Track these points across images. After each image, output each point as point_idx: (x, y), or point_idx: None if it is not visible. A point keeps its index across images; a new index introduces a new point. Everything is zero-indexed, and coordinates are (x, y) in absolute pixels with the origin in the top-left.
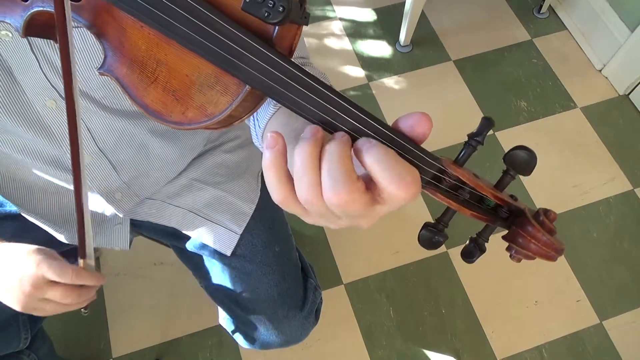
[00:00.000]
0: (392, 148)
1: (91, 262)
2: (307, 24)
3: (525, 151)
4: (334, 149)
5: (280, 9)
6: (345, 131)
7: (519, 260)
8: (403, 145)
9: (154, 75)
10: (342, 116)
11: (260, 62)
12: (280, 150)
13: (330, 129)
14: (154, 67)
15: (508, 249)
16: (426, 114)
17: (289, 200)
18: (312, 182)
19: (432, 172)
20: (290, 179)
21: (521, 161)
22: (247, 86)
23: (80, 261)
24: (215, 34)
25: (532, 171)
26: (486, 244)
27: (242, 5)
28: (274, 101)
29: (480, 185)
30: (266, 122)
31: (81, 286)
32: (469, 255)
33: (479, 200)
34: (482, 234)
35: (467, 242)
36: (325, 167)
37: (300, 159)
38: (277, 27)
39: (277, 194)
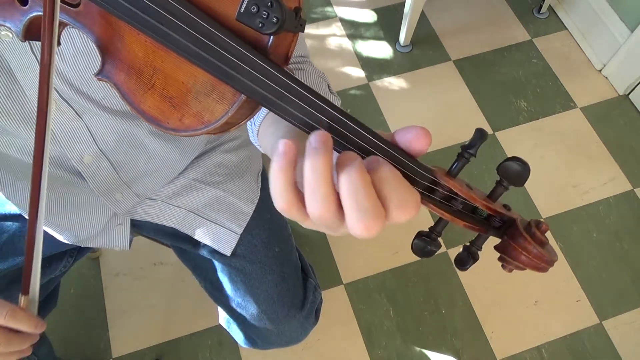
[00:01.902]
0: (390, 163)
1: (34, 301)
2: (303, 31)
3: (518, 163)
4: (357, 178)
5: (274, 20)
6: (341, 143)
7: (510, 271)
8: (398, 158)
9: (151, 82)
10: (338, 129)
11: (254, 72)
12: (291, 159)
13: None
14: (150, 74)
15: (500, 259)
16: (426, 129)
17: (292, 208)
18: (326, 197)
19: (425, 183)
20: (295, 187)
21: (514, 173)
22: (243, 95)
23: (22, 298)
24: (210, 44)
25: (524, 182)
26: (479, 252)
27: (236, 15)
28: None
29: (473, 197)
30: (262, 119)
31: (15, 331)
32: (462, 263)
33: (472, 210)
34: (475, 243)
35: (461, 250)
36: (351, 199)
37: (314, 172)
38: (272, 37)
39: (282, 202)
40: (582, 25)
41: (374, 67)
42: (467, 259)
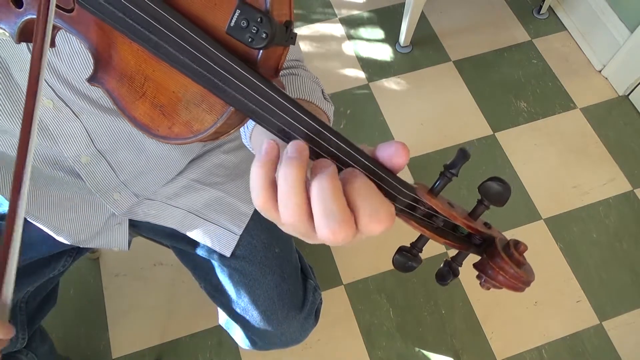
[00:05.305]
0: (370, 178)
1: (6, 303)
2: (293, 44)
3: (499, 183)
4: (327, 184)
5: (264, 35)
6: (325, 158)
7: (488, 289)
8: (380, 175)
9: (142, 90)
10: (324, 145)
11: (242, 85)
12: (272, 158)
13: (311, 154)
14: (142, 82)
15: (478, 277)
16: (404, 145)
17: (268, 207)
18: (297, 205)
19: (407, 201)
20: (274, 187)
21: (495, 193)
22: (232, 106)
23: None
24: (199, 56)
25: (505, 203)
26: (460, 269)
27: (226, 29)
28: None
29: (454, 215)
30: (255, 123)
31: None
32: (442, 278)
33: (453, 228)
34: (456, 259)
35: (442, 265)
36: (319, 203)
37: (286, 181)
38: (261, 51)
39: (258, 199)
40: (582, 26)
41: (374, 68)
42: (447, 274)
